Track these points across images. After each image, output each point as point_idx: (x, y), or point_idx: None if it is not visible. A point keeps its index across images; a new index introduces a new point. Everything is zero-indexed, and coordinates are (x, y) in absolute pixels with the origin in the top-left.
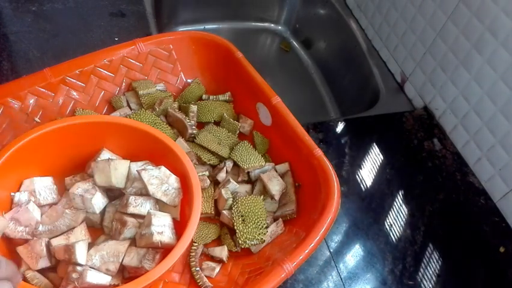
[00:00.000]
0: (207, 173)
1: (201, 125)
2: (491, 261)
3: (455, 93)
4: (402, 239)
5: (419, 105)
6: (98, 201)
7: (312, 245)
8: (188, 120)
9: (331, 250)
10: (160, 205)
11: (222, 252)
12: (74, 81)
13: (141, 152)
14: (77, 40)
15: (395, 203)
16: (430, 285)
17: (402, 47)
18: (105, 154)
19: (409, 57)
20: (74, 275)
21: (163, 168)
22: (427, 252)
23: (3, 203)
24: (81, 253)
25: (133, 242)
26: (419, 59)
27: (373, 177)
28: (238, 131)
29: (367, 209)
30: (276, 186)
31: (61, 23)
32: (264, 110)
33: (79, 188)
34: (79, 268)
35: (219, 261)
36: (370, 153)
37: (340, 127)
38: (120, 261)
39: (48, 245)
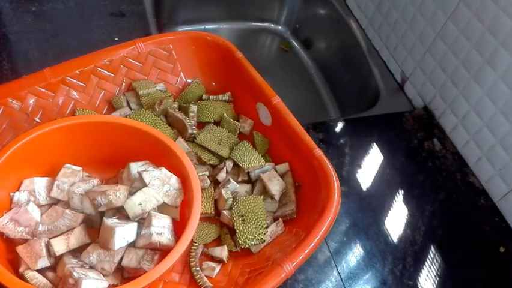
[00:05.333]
0: (207, 173)
1: (201, 125)
2: (491, 261)
3: (455, 93)
4: (402, 239)
5: (419, 105)
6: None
7: (312, 245)
8: (188, 120)
9: (331, 250)
10: (160, 205)
11: (222, 252)
12: (74, 81)
13: (141, 152)
14: (77, 40)
15: (395, 203)
16: (430, 285)
17: (402, 47)
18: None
19: (409, 57)
20: (70, 281)
21: (164, 169)
22: (427, 252)
23: (3, 203)
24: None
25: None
26: (419, 59)
27: (373, 177)
28: (238, 131)
29: (367, 209)
30: (276, 186)
31: (61, 23)
32: (264, 110)
33: (79, 187)
34: (75, 274)
35: (219, 261)
36: (370, 153)
37: (340, 127)
38: (116, 261)
39: (47, 245)
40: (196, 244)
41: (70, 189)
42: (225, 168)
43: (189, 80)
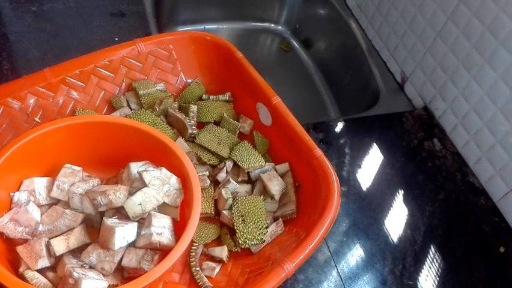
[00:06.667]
0: (207, 173)
1: (201, 125)
2: (491, 261)
3: (455, 93)
4: (402, 239)
5: (419, 105)
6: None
7: (312, 245)
8: (188, 120)
9: (331, 250)
10: (160, 205)
11: (222, 252)
12: (74, 81)
13: (141, 152)
14: (77, 40)
15: (395, 203)
16: (430, 285)
17: (402, 47)
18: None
19: (409, 57)
20: (70, 281)
21: (164, 169)
22: (427, 252)
23: (3, 203)
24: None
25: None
26: (419, 59)
27: (373, 177)
28: (238, 131)
29: (367, 209)
30: (276, 186)
31: (61, 23)
32: (264, 110)
33: (79, 187)
34: (75, 274)
35: (219, 261)
36: (370, 153)
37: (340, 127)
38: (116, 261)
39: (47, 245)
40: (196, 244)
41: (70, 189)
42: (225, 168)
43: (189, 80)
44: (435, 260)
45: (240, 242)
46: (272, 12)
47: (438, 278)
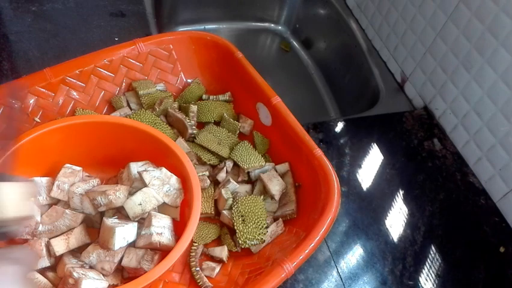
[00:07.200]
0: (207, 173)
1: (201, 125)
2: (491, 261)
3: (455, 93)
4: (402, 239)
5: (419, 105)
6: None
7: (312, 245)
8: (188, 120)
9: (331, 250)
10: (160, 205)
11: (222, 252)
12: (74, 81)
13: (141, 152)
14: (77, 40)
15: (395, 203)
16: (430, 285)
17: (402, 47)
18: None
19: (409, 57)
20: (70, 281)
21: (164, 169)
22: (427, 252)
23: None
24: None
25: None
26: (419, 59)
27: (373, 177)
28: (238, 131)
29: (367, 209)
30: (276, 186)
31: (61, 23)
32: (264, 110)
33: (79, 187)
34: (75, 274)
35: (219, 261)
36: (370, 153)
37: (340, 127)
38: (116, 261)
39: (48, 245)
40: (196, 244)
41: (70, 189)
42: (225, 168)
43: (189, 80)
44: (435, 260)
45: (240, 242)
46: (272, 12)
47: (438, 278)
